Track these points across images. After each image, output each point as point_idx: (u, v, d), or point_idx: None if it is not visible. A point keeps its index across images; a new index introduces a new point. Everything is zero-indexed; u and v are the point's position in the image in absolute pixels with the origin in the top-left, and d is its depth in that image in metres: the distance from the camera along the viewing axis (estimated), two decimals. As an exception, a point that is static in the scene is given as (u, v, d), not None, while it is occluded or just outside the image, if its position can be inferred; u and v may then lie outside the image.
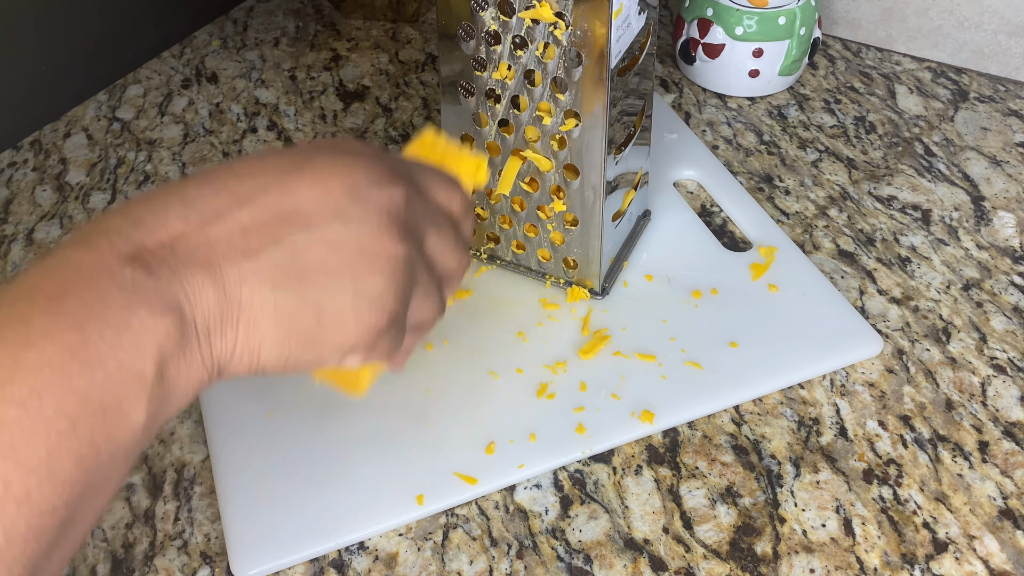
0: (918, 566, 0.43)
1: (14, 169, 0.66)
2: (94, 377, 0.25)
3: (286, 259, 0.29)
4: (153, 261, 0.27)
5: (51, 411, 0.24)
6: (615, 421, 0.48)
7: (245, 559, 0.43)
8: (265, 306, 0.29)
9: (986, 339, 0.52)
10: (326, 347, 0.31)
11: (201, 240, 0.28)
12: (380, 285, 0.31)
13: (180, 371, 0.28)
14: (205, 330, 0.28)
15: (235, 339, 0.29)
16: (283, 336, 0.30)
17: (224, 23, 0.80)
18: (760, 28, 0.66)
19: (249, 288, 0.29)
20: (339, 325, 0.30)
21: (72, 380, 0.25)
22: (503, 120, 0.49)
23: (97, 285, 0.26)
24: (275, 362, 0.30)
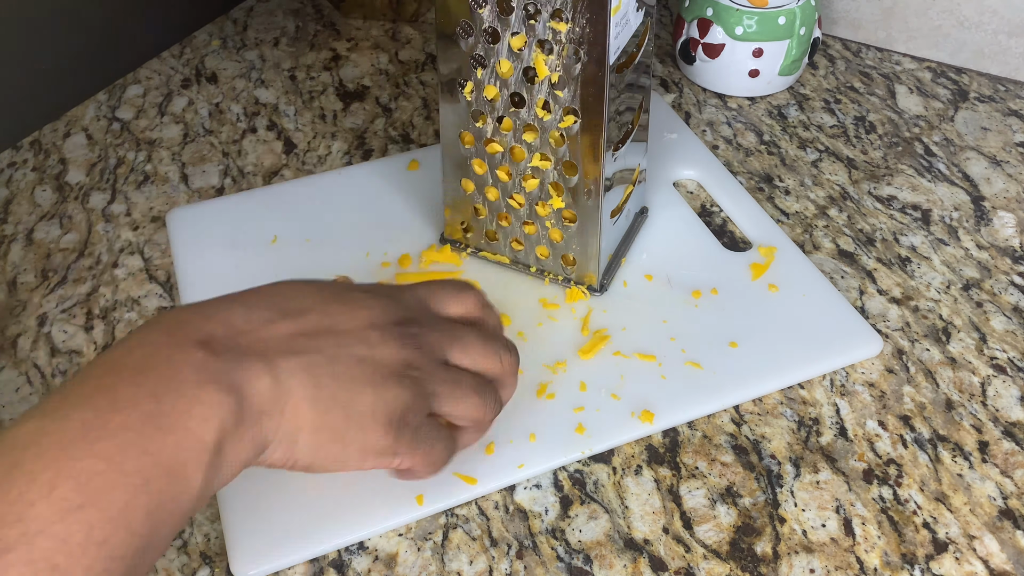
0: (918, 566, 0.43)
1: (14, 169, 0.66)
2: (166, 441, 0.29)
3: (324, 363, 0.35)
4: (220, 348, 0.32)
5: (131, 468, 0.28)
6: (615, 421, 0.48)
7: (245, 559, 0.42)
8: (307, 398, 0.34)
9: (986, 339, 0.52)
10: (351, 444, 0.36)
11: (258, 337, 0.34)
12: (392, 394, 0.36)
13: (234, 447, 0.32)
14: (259, 412, 0.33)
15: (279, 423, 0.33)
16: (318, 426, 0.34)
17: (224, 23, 0.80)
18: (760, 28, 0.66)
19: (297, 381, 0.34)
20: (361, 424, 0.36)
21: (149, 443, 0.29)
22: (501, 118, 0.49)
23: (173, 363, 0.31)
24: (307, 452, 0.35)
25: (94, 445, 0.28)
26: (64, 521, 0.26)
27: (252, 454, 0.33)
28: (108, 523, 0.27)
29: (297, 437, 0.34)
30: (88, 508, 0.27)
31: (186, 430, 0.30)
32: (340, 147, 0.67)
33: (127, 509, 0.28)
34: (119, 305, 0.56)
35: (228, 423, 0.31)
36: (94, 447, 0.28)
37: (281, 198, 0.61)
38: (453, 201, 0.55)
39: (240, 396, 0.32)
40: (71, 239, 0.60)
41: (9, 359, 0.53)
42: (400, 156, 0.65)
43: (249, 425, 0.32)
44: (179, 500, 0.30)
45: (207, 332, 0.32)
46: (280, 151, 0.67)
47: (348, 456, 0.36)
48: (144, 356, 0.31)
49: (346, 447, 0.36)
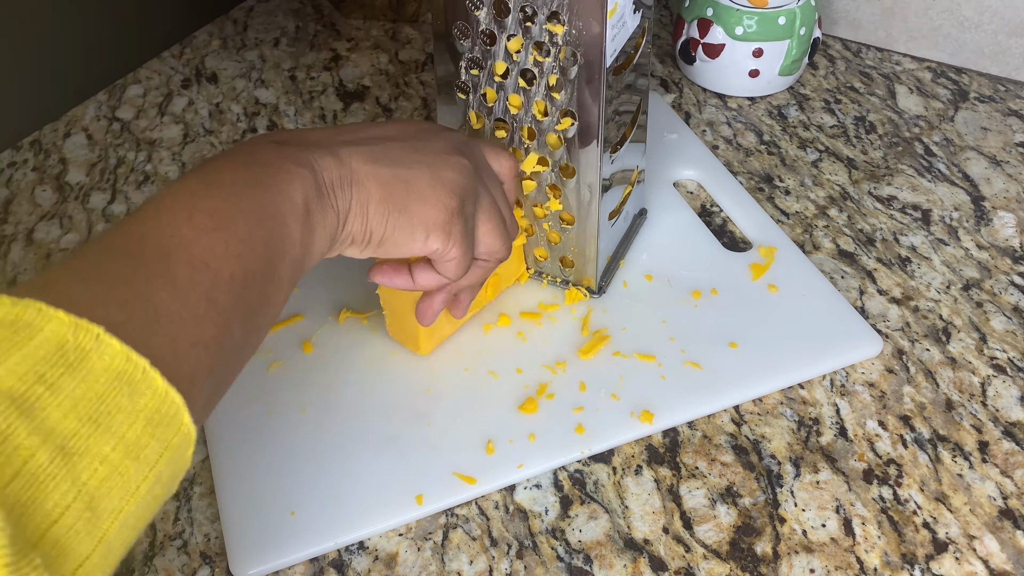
0: (918, 566, 0.43)
1: (14, 169, 0.66)
2: (265, 194, 0.35)
3: (381, 151, 0.41)
4: (292, 143, 0.39)
5: (244, 207, 0.34)
6: (615, 421, 0.48)
7: (245, 559, 0.43)
8: (370, 173, 0.39)
9: (986, 339, 0.52)
10: (415, 215, 0.40)
11: (320, 139, 0.40)
12: (451, 175, 0.41)
13: (318, 210, 0.37)
14: (331, 185, 0.38)
15: (351, 194, 0.39)
16: (384, 196, 0.40)
17: (224, 23, 0.80)
18: (760, 28, 0.66)
19: (357, 161, 0.39)
20: (421, 196, 0.40)
21: (253, 192, 0.35)
22: (498, 120, 0.49)
23: (254, 151, 0.37)
24: (379, 222, 0.40)
25: (212, 192, 0.34)
26: (206, 238, 0.32)
27: (335, 221, 0.38)
28: (238, 243, 0.33)
29: (368, 207, 0.39)
30: (220, 231, 0.33)
31: (277, 188, 0.36)
32: (340, 147, 0.67)
33: (250, 236, 0.34)
34: (119, 305, 0.56)
35: (309, 189, 0.37)
36: (213, 192, 0.34)
37: (281, 198, 0.61)
38: None
39: (313, 171, 0.37)
40: (71, 239, 0.60)
41: (9, 359, 0.53)
42: (400, 156, 0.65)
43: (327, 195, 0.38)
44: (285, 243, 0.35)
45: (276, 138, 0.39)
46: (280, 151, 0.67)
47: (414, 228, 0.40)
48: (232, 151, 0.38)
49: (411, 218, 0.40)
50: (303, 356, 0.52)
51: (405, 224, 0.40)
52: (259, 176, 0.36)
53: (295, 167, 0.37)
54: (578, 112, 0.47)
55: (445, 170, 0.41)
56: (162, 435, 0.28)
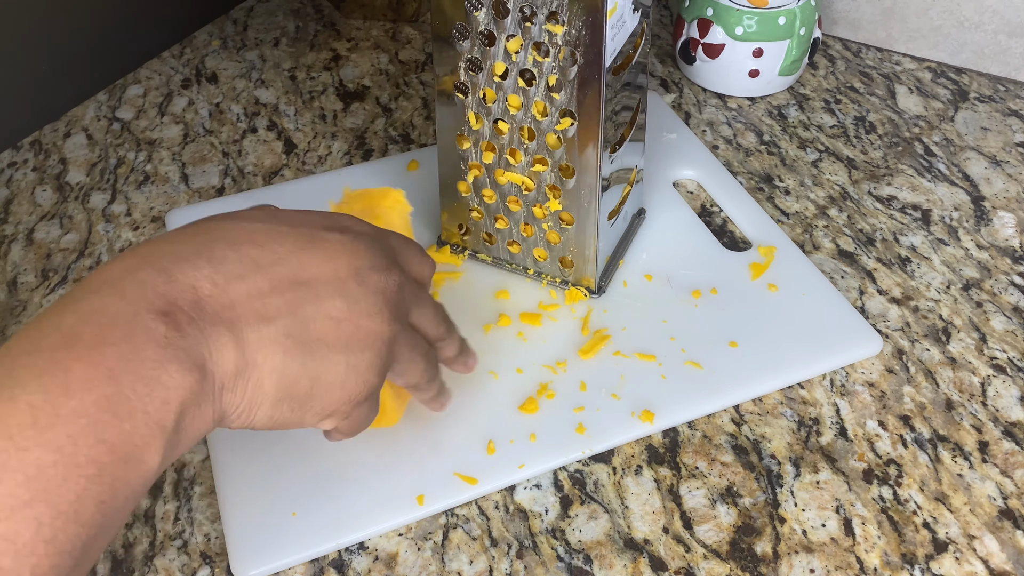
0: (918, 566, 0.43)
1: (14, 169, 0.66)
2: (122, 427, 0.27)
3: (297, 329, 0.33)
4: (183, 319, 0.30)
5: (83, 458, 0.26)
6: (615, 421, 0.48)
7: (245, 559, 0.43)
8: (274, 370, 0.32)
9: (986, 339, 0.52)
10: (310, 411, 0.34)
11: (226, 302, 0.31)
12: (367, 360, 0.35)
13: (194, 422, 0.30)
14: (221, 386, 0.31)
15: (242, 397, 0.32)
16: (280, 399, 0.33)
17: (224, 23, 0.80)
18: (760, 28, 0.66)
19: (264, 353, 0.32)
20: (327, 393, 0.34)
21: (104, 430, 0.27)
22: (498, 120, 0.49)
23: (132, 339, 0.28)
24: (265, 422, 0.33)
25: (44, 434, 0.25)
26: (10, 520, 0.25)
27: (211, 424, 0.31)
28: (58, 518, 0.25)
29: (257, 410, 0.33)
30: (36, 504, 0.25)
31: (145, 414, 0.27)
32: (340, 147, 0.67)
33: (78, 502, 0.26)
34: (119, 305, 0.56)
35: (188, 402, 0.29)
36: (44, 436, 0.25)
37: (281, 198, 0.61)
38: (450, 204, 0.55)
39: (202, 374, 0.30)
40: (71, 239, 0.60)
41: (9, 359, 0.53)
42: (400, 156, 0.65)
43: (210, 400, 0.30)
44: (133, 485, 0.28)
45: (169, 299, 0.30)
46: (280, 151, 0.67)
47: (304, 420, 0.34)
48: (100, 328, 0.28)
49: (304, 414, 0.34)
50: (303, 356, 0.51)
51: (295, 419, 0.34)
52: (125, 395, 0.27)
53: (181, 375, 0.29)
54: (577, 112, 0.47)
55: (362, 353, 0.34)
56: None
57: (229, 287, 0.31)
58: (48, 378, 0.26)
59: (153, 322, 0.29)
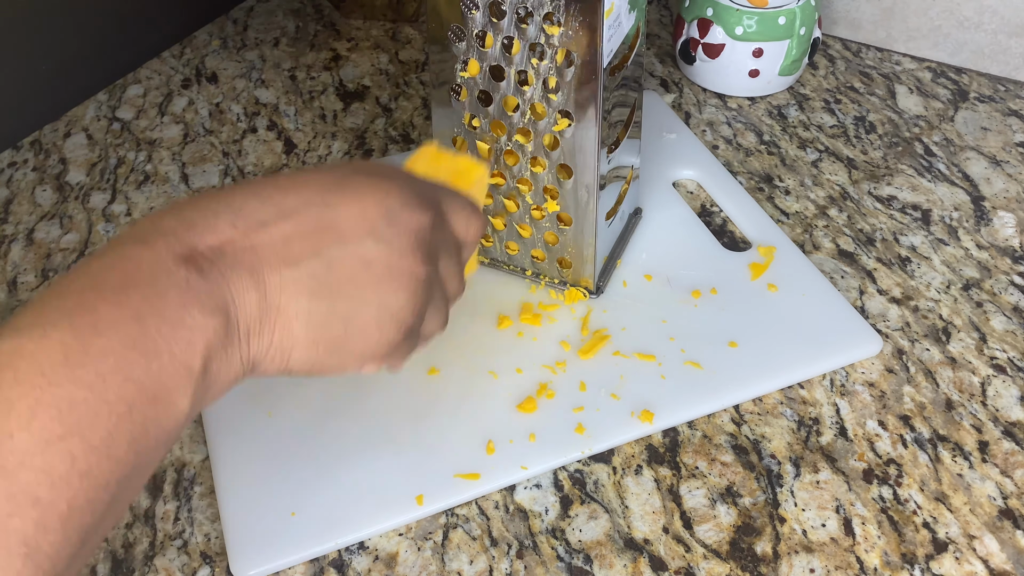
0: (918, 566, 0.43)
1: (14, 169, 0.66)
2: (150, 367, 0.27)
3: (322, 271, 0.32)
4: (204, 263, 0.30)
5: (113, 395, 0.26)
6: (615, 421, 0.48)
7: (245, 559, 0.43)
8: (300, 313, 0.31)
9: (986, 339, 0.52)
10: (349, 355, 0.33)
11: (247, 246, 0.31)
12: (401, 301, 0.34)
13: (221, 366, 0.30)
14: (246, 331, 0.30)
15: (270, 341, 0.31)
16: (312, 341, 0.32)
17: (224, 23, 0.80)
18: (760, 28, 0.66)
19: (287, 295, 0.31)
20: (363, 335, 0.33)
21: (132, 368, 0.27)
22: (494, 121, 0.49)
23: (156, 282, 0.28)
24: (302, 365, 0.33)
25: (75, 371, 0.26)
26: (45, 452, 0.25)
27: (241, 372, 0.31)
28: (91, 453, 0.26)
29: (290, 353, 0.32)
30: (70, 438, 0.25)
31: (171, 355, 0.28)
32: (340, 147, 0.67)
33: (110, 438, 0.26)
34: (119, 305, 0.56)
35: (214, 345, 0.29)
36: (75, 373, 0.26)
37: (281, 198, 0.61)
38: None
39: (226, 316, 0.29)
40: (71, 239, 0.60)
41: (9, 359, 0.53)
42: (400, 156, 0.65)
43: (237, 345, 0.30)
44: (164, 425, 0.28)
45: (190, 244, 0.30)
46: (280, 151, 0.67)
47: (346, 364, 0.34)
48: (125, 273, 0.28)
49: (343, 357, 0.33)
50: (303, 356, 0.51)
51: (335, 363, 0.33)
52: (150, 335, 0.27)
53: (204, 317, 0.29)
54: (575, 113, 0.47)
55: (396, 293, 0.33)
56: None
57: (251, 232, 0.31)
58: (77, 318, 0.27)
59: (175, 266, 0.29)
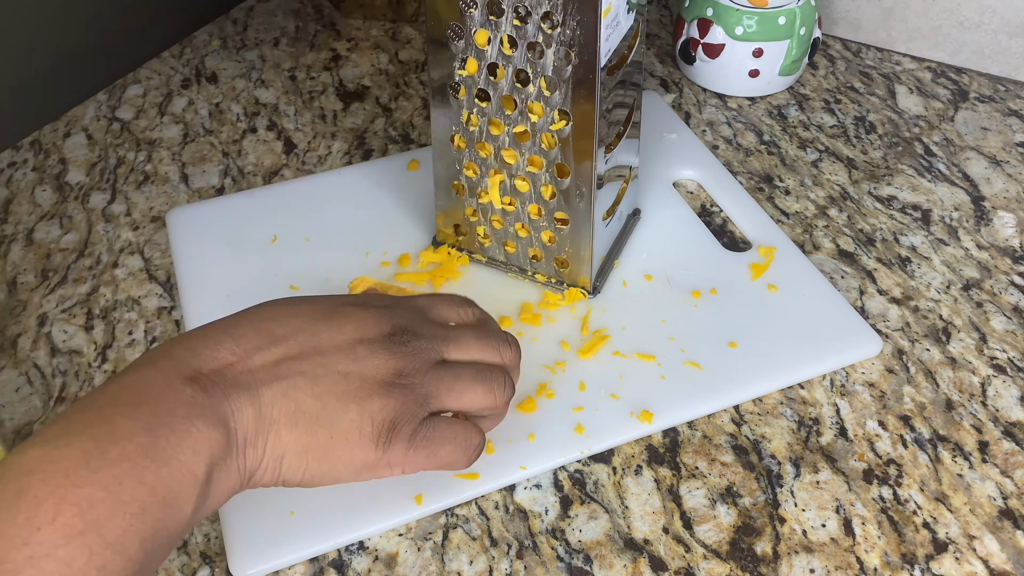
0: (918, 566, 0.43)
1: (14, 169, 0.66)
2: (160, 473, 0.31)
3: (307, 385, 0.36)
4: (208, 384, 0.34)
5: (128, 496, 0.30)
6: (614, 421, 0.48)
7: (244, 559, 0.42)
8: (289, 421, 0.35)
9: (986, 339, 0.52)
10: (338, 461, 0.37)
11: (245, 368, 0.35)
12: (379, 404, 0.37)
13: (222, 476, 0.34)
14: (243, 442, 0.34)
15: (263, 450, 0.35)
16: (302, 448, 0.36)
17: (224, 23, 0.80)
18: (760, 28, 0.66)
19: (278, 408, 0.35)
20: (347, 440, 0.36)
21: (144, 473, 0.30)
22: (492, 121, 0.49)
23: (165, 399, 0.33)
24: (294, 473, 0.36)
25: (95, 474, 0.29)
26: (68, 546, 0.28)
27: (238, 481, 0.35)
28: (107, 549, 0.29)
29: (281, 461, 0.36)
30: (89, 534, 0.28)
31: (179, 463, 0.31)
32: (340, 147, 0.67)
33: (124, 536, 0.29)
34: (119, 305, 0.56)
35: (216, 455, 0.33)
36: (95, 476, 0.29)
37: (281, 198, 0.61)
38: (445, 204, 0.55)
39: (226, 429, 0.33)
40: (71, 239, 0.60)
41: (9, 359, 0.53)
42: (400, 156, 0.65)
43: (235, 456, 0.34)
44: (170, 528, 0.31)
45: (195, 368, 0.34)
46: (280, 151, 0.67)
47: (339, 472, 0.37)
48: (139, 391, 0.33)
49: (334, 465, 0.37)
50: (303, 356, 0.51)
51: (327, 471, 0.37)
52: (160, 445, 0.31)
53: (207, 429, 0.32)
54: (572, 112, 0.47)
55: (375, 400, 0.37)
56: None
57: (248, 357, 0.36)
58: (97, 429, 0.31)
59: (182, 386, 0.33)
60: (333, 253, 0.57)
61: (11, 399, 0.51)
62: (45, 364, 0.52)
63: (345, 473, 0.37)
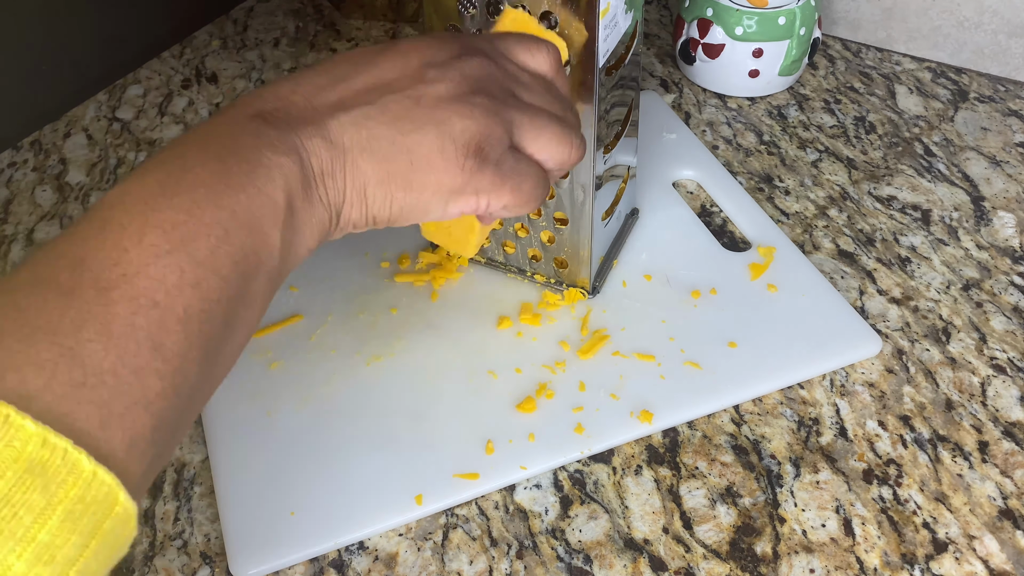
0: (918, 566, 0.43)
1: (14, 169, 0.66)
2: (238, 197, 0.30)
3: (377, 112, 0.34)
4: (272, 119, 0.33)
5: (209, 219, 0.29)
6: (614, 421, 0.48)
7: (244, 559, 0.43)
8: (364, 149, 0.34)
9: (986, 339, 0.52)
10: (424, 189, 0.35)
11: (308, 105, 0.34)
12: (460, 125, 0.35)
13: (305, 208, 0.33)
14: (320, 173, 0.33)
15: (344, 181, 0.34)
16: (383, 176, 0.34)
17: (224, 23, 0.80)
18: (760, 28, 0.66)
19: (349, 136, 0.34)
20: (429, 164, 0.35)
21: (222, 197, 0.30)
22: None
23: (231, 132, 0.32)
24: (381, 205, 0.35)
25: (172, 199, 0.29)
26: (156, 264, 0.28)
27: (326, 216, 0.34)
28: (198, 267, 0.29)
29: (365, 192, 0.34)
30: (176, 253, 0.28)
31: (256, 188, 0.31)
32: (340, 147, 0.67)
33: (213, 256, 0.29)
34: (119, 305, 0.56)
35: (292, 184, 0.32)
36: (172, 201, 0.29)
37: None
38: None
39: (298, 157, 0.32)
40: (71, 239, 0.60)
41: (9, 359, 0.53)
42: (400, 156, 0.65)
43: (315, 187, 0.33)
44: (261, 257, 0.31)
45: (259, 107, 0.33)
46: (280, 151, 0.67)
47: (427, 201, 0.35)
48: (206, 131, 0.33)
49: (420, 193, 0.35)
50: (303, 356, 0.52)
51: (415, 201, 0.35)
52: (233, 172, 0.31)
53: (278, 156, 0.32)
54: None
55: (455, 120, 0.35)
56: (87, 525, 0.24)
57: (310, 95, 0.34)
58: (169, 163, 0.31)
59: (247, 121, 0.33)
60: (333, 253, 0.57)
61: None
62: (45, 364, 0.52)
63: (434, 201, 0.35)
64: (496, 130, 0.35)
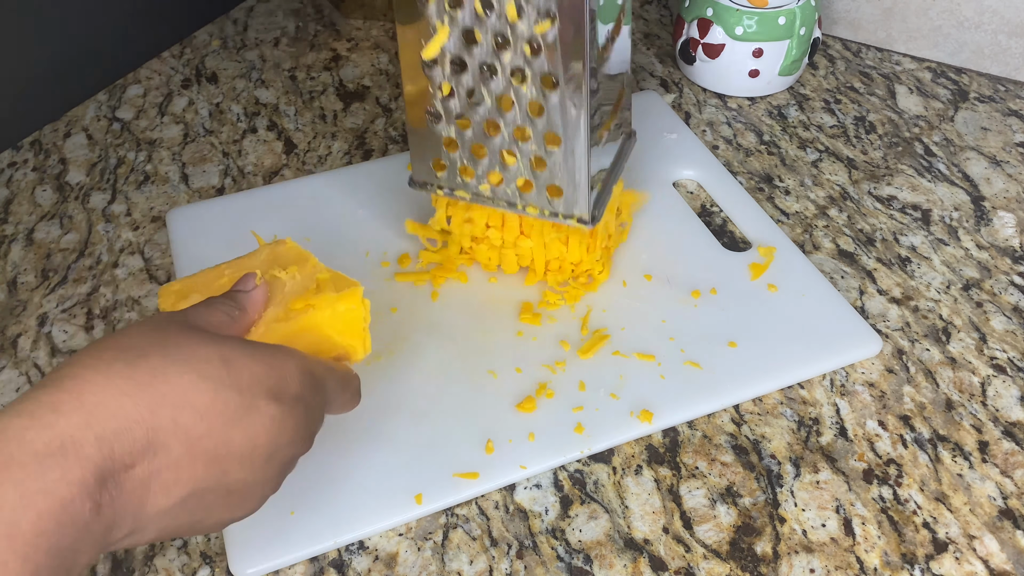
0: (918, 566, 0.43)
1: (14, 169, 0.66)
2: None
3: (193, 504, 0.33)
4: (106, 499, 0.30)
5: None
6: (614, 421, 0.48)
7: (245, 559, 0.42)
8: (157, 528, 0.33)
9: (986, 339, 0.52)
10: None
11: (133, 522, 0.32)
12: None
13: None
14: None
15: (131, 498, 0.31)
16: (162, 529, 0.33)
17: (224, 23, 0.80)
18: (760, 28, 0.66)
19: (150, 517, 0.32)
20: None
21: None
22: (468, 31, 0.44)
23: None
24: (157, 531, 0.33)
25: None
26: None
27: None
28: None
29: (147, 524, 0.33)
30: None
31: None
32: (340, 147, 0.67)
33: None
34: (119, 305, 0.56)
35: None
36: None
37: (281, 198, 0.61)
38: (420, 136, 0.48)
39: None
40: (71, 239, 0.60)
41: (9, 359, 0.53)
42: (400, 156, 0.65)
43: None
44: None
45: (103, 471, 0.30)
46: (280, 151, 0.67)
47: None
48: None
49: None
50: (303, 356, 0.51)
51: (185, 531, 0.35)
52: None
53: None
54: (558, 11, 0.40)
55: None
56: None
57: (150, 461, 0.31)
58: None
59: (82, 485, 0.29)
60: (333, 253, 0.57)
61: (11, 399, 0.51)
62: (45, 364, 0.52)
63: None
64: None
